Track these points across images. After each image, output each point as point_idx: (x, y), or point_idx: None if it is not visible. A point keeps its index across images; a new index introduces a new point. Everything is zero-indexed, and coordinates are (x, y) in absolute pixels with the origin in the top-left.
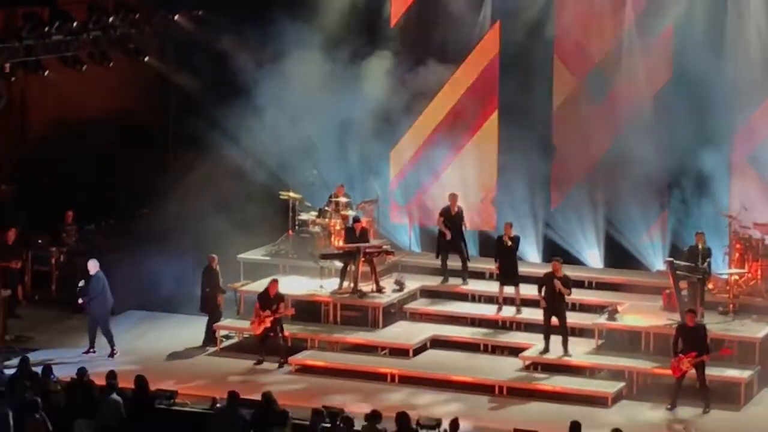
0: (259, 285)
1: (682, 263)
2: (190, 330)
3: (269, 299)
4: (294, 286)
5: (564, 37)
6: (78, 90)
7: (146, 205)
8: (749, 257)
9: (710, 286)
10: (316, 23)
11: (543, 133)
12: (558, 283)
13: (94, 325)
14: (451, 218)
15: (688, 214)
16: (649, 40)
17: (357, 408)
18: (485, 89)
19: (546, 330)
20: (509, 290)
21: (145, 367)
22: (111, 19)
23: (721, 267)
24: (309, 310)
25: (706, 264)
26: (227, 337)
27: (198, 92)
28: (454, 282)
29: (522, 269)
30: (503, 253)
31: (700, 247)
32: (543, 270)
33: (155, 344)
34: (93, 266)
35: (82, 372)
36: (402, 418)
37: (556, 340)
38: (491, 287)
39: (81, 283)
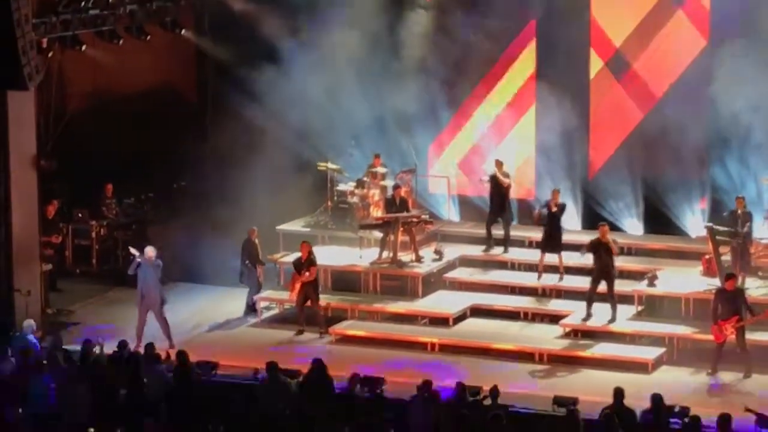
0: (297, 256)
1: (722, 228)
2: (230, 302)
3: (300, 263)
4: (333, 256)
5: (601, 6)
6: (115, 64)
7: (185, 177)
8: None
9: (751, 250)
10: None
11: (581, 100)
12: (610, 241)
13: (145, 317)
14: (494, 185)
15: (729, 179)
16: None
17: (397, 377)
18: (523, 58)
19: (590, 297)
20: (549, 258)
21: (187, 339)
22: None
23: (762, 231)
24: (349, 280)
25: (746, 228)
26: (267, 308)
27: (235, 64)
28: (496, 250)
29: (564, 237)
30: (549, 220)
31: (740, 211)
32: (583, 237)
33: (196, 316)
34: (151, 252)
35: (123, 344)
36: (458, 388)
37: (597, 307)
38: (531, 255)
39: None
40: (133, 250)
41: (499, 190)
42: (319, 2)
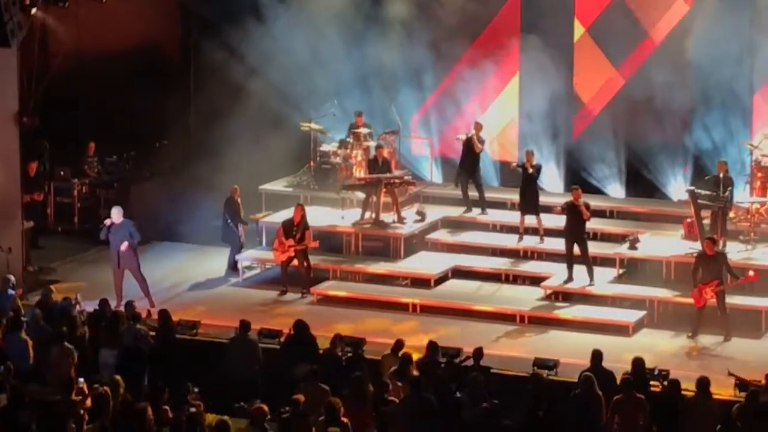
0: (281, 216)
1: (704, 192)
2: (212, 261)
3: (293, 226)
4: (315, 217)
5: None
6: (99, 21)
7: (168, 136)
8: None
9: (732, 215)
10: None
11: (565, 63)
12: (581, 204)
13: (121, 277)
14: (469, 145)
15: (711, 143)
16: None
17: (378, 338)
18: (508, 20)
19: (568, 259)
20: (530, 220)
21: (168, 297)
22: None
23: (743, 196)
24: (330, 240)
25: (727, 193)
26: (249, 267)
27: (219, 22)
28: (477, 212)
29: (543, 199)
30: (525, 182)
31: (721, 176)
32: (563, 200)
33: (177, 275)
34: (117, 214)
35: (104, 303)
36: (430, 347)
37: (578, 269)
38: (512, 217)
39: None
40: (107, 221)
41: (471, 152)
42: None
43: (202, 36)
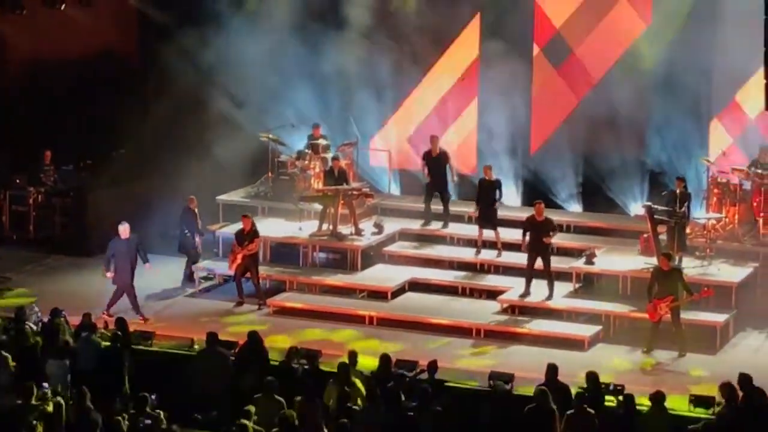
0: (238, 227)
1: (660, 207)
2: (168, 271)
3: (243, 235)
4: (273, 228)
5: None
6: (56, 29)
7: (124, 145)
8: (727, 202)
9: (688, 230)
10: None
11: (523, 81)
12: (549, 239)
13: (119, 293)
14: (432, 161)
15: (668, 159)
16: None
17: (333, 350)
18: (468, 38)
19: (528, 273)
20: (488, 234)
21: (124, 307)
22: None
23: (699, 211)
24: (288, 252)
25: (684, 208)
26: (206, 278)
27: (177, 31)
28: (435, 225)
29: (502, 213)
30: (483, 196)
31: (678, 191)
32: (523, 214)
33: (136, 286)
34: (124, 230)
35: (55, 313)
36: (384, 361)
37: (536, 284)
38: (471, 230)
39: (110, 253)
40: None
41: (437, 166)
42: None
43: (159, 44)
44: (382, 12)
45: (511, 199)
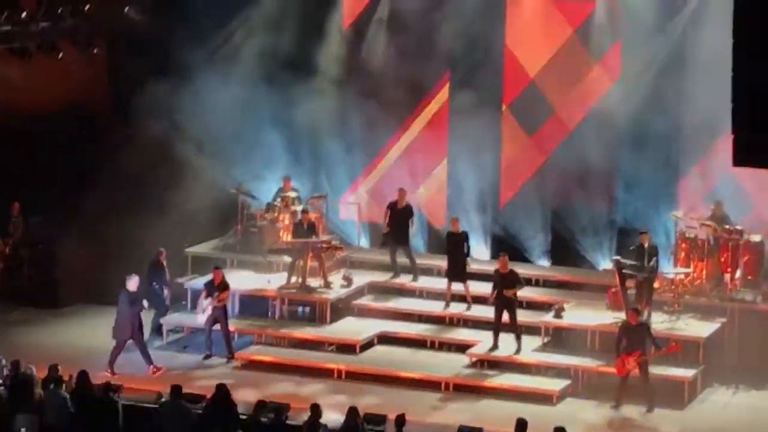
0: (207, 279)
1: (628, 262)
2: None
3: (214, 287)
4: (242, 280)
5: (515, 38)
6: (26, 80)
7: (94, 196)
8: (695, 257)
9: (656, 285)
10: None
11: (493, 133)
12: (510, 293)
13: (119, 348)
14: (396, 212)
15: (636, 213)
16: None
17: (302, 404)
18: (438, 89)
19: (496, 327)
20: (457, 287)
21: (91, 360)
22: (61, 10)
23: (667, 266)
24: (257, 305)
25: (652, 263)
26: (174, 331)
27: (148, 83)
28: (405, 278)
29: (471, 266)
30: (452, 249)
31: (645, 246)
32: (492, 267)
33: (102, 337)
34: (134, 283)
35: (15, 365)
36: (350, 413)
37: (504, 337)
38: (440, 284)
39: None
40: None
41: (400, 218)
42: (233, 22)
43: (130, 95)
44: (354, 64)
45: (480, 253)
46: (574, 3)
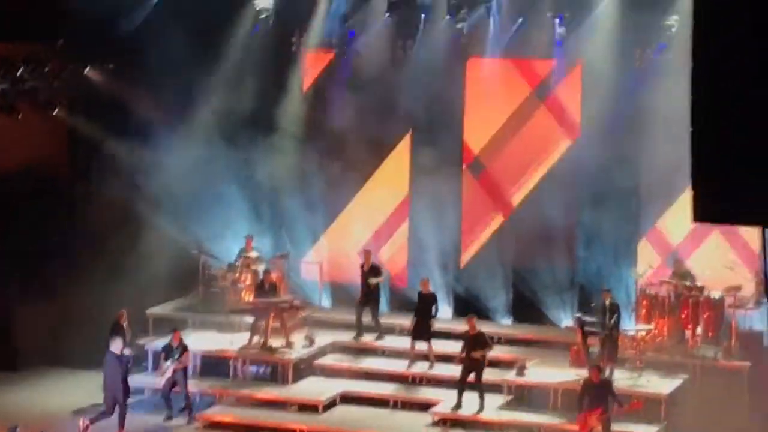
0: (167, 340)
1: (590, 319)
2: (96, 386)
3: (172, 350)
4: (204, 341)
5: (474, 97)
6: None
7: (54, 258)
8: (656, 314)
9: (618, 342)
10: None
11: (454, 193)
12: (478, 354)
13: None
14: (363, 274)
15: (598, 271)
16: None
17: None
18: (400, 147)
19: (461, 386)
20: (420, 346)
21: (51, 423)
22: (20, 72)
23: (629, 323)
24: (218, 365)
25: (613, 320)
26: (135, 392)
27: (108, 144)
28: (368, 337)
29: (434, 325)
30: (420, 309)
31: (607, 303)
32: (453, 326)
33: (61, 400)
34: (117, 345)
35: None
36: None
37: (467, 396)
38: (403, 343)
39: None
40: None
41: (366, 279)
42: (192, 86)
43: (90, 156)
44: (315, 123)
45: (443, 311)
46: (533, 61)
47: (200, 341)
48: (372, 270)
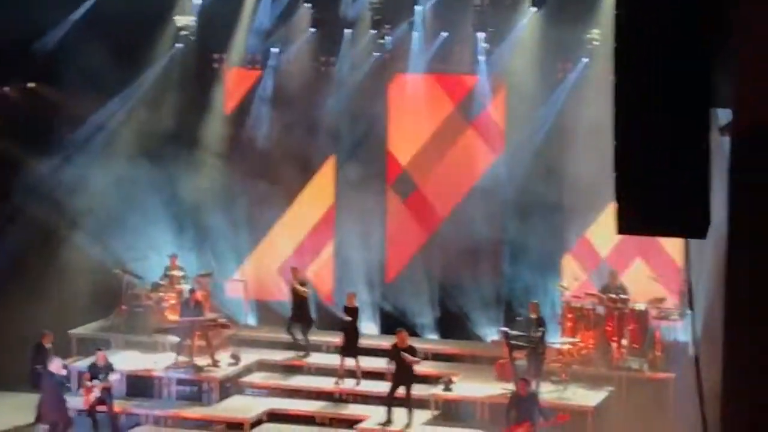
0: (91, 361)
1: (516, 333)
2: (21, 408)
3: (98, 369)
4: (128, 361)
5: (397, 113)
6: None
7: None
8: (581, 327)
9: (544, 355)
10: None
11: (378, 210)
12: (408, 357)
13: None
14: (292, 291)
15: (523, 284)
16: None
17: None
18: (322, 164)
19: (389, 401)
20: (349, 362)
21: None
22: None
23: (555, 336)
24: (144, 385)
25: (539, 333)
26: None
27: (27, 163)
28: (294, 354)
29: (359, 341)
30: (345, 324)
31: (533, 316)
32: (380, 342)
33: None
34: (57, 365)
35: None
36: None
37: (394, 411)
38: (329, 360)
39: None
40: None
41: (297, 297)
42: (114, 104)
43: (8, 175)
44: (238, 140)
45: (369, 328)
46: (456, 77)
47: (125, 361)
48: (301, 285)
